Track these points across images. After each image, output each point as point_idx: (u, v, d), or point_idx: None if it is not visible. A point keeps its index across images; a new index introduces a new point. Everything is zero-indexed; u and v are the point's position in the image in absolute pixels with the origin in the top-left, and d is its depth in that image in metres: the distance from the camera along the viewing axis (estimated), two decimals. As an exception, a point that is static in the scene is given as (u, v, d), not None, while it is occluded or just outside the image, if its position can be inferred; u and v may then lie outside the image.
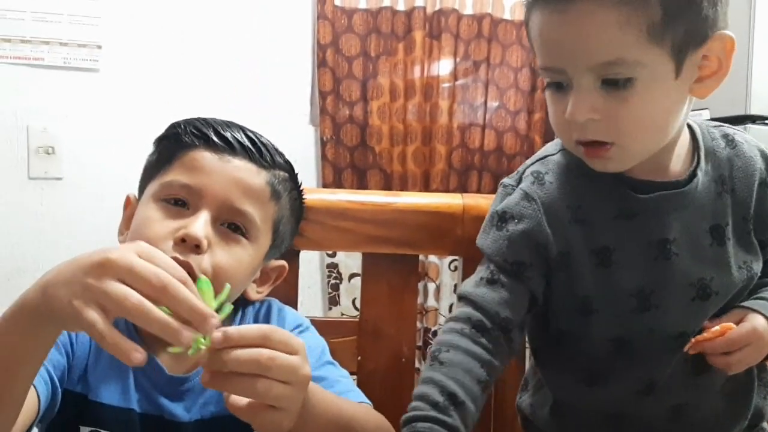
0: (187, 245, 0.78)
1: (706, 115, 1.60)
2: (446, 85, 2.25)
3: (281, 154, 0.90)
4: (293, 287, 1.07)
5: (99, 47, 2.06)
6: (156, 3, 2.12)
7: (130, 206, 0.89)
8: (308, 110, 2.27)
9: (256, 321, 0.90)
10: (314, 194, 1.11)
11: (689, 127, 0.84)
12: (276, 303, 0.94)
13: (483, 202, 1.12)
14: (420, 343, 2.20)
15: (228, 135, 0.84)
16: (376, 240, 1.09)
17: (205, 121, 0.85)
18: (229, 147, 0.83)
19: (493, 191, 0.93)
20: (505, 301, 0.79)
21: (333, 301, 2.24)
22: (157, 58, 2.11)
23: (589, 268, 0.80)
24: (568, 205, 0.80)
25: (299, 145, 2.24)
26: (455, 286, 2.27)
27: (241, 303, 0.90)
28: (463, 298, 0.82)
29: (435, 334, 2.26)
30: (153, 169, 0.86)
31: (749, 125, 1.74)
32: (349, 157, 2.22)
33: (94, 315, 0.55)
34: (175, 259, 0.78)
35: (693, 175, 0.81)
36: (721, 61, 0.74)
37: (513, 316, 0.79)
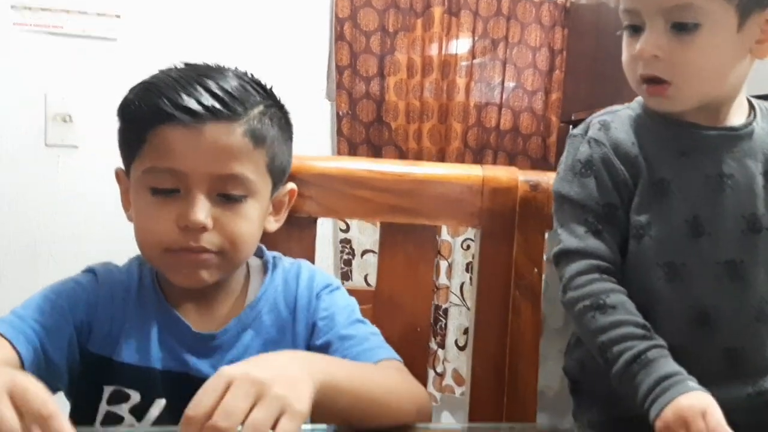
0: (193, 230, 0.79)
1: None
2: (464, 63, 2.23)
3: (246, 86, 0.83)
4: (311, 255, 1.08)
5: (117, 17, 2.06)
6: (175, -27, 2.11)
7: (122, 181, 0.88)
8: (325, 85, 2.26)
9: (285, 284, 0.90)
10: (333, 162, 1.11)
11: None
12: (306, 265, 0.94)
13: (503, 174, 1.11)
14: (431, 321, 2.21)
15: (188, 103, 0.78)
16: (394, 210, 1.09)
17: (159, 91, 0.79)
18: (193, 115, 0.77)
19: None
20: (611, 247, 0.87)
21: (345, 276, 2.24)
22: (174, 28, 2.10)
23: (647, 199, 0.87)
24: (634, 142, 0.89)
25: (315, 119, 2.23)
26: (467, 264, 2.28)
27: (271, 266, 0.91)
28: (575, 253, 0.87)
29: (446, 311, 2.27)
30: (127, 148, 0.84)
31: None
32: (365, 133, 2.21)
33: None
34: (189, 248, 0.79)
35: (750, 125, 0.88)
36: None
37: (619, 259, 0.87)
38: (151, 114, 0.79)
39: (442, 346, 2.27)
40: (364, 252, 2.24)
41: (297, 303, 0.88)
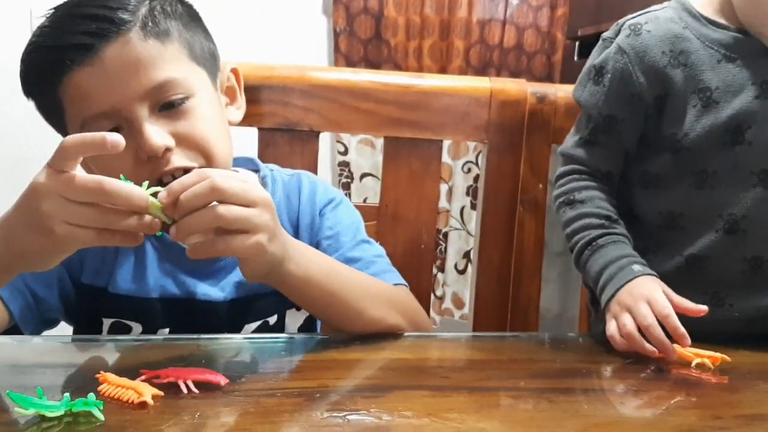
0: (158, 157, 0.72)
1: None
2: (466, -24, 2.15)
3: None
4: (313, 171, 1.05)
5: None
6: None
7: None
8: None
9: (287, 199, 0.87)
10: (335, 73, 1.07)
11: None
12: (307, 176, 0.90)
13: (511, 86, 1.08)
14: (435, 238, 2.20)
15: (71, 40, 0.71)
16: (399, 123, 1.05)
17: (41, 48, 0.74)
18: (83, 50, 0.71)
19: (512, 91, 1.02)
20: (603, 158, 0.92)
21: (344, 199, 2.22)
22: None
23: (688, 108, 0.86)
24: (666, 51, 0.87)
25: (311, 36, 2.17)
26: (468, 188, 2.25)
27: (270, 180, 0.88)
28: (565, 156, 0.95)
29: (446, 235, 2.26)
30: (53, 119, 0.78)
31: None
32: (363, 51, 2.15)
33: (81, 232, 0.60)
34: (163, 173, 0.73)
35: None
36: None
37: (612, 168, 0.92)
38: (48, 73, 0.73)
39: (441, 269, 2.28)
40: (363, 175, 2.21)
41: (300, 221, 0.86)
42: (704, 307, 0.77)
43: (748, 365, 0.75)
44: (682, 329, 0.74)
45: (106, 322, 0.81)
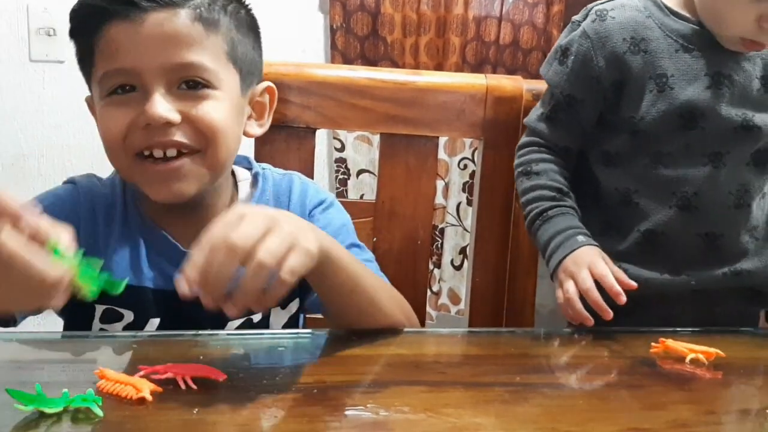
0: (156, 127, 0.74)
1: None
2: (462, -27, 2.14)
3: None
4: (309, 167, 1.05)
5: None
6: None
7: (92, 108, 0.83)
8: (318, -4, 2.18)
9: (276, 198, 0.87)
10: (332, 70, 1.07)
11: None
12: (298, 177, 0.90)
13: (507, 83, 1.08)
14: (431, 234, 2.20)
15: None
16: (395, 120, 1.06)
17: None
18: (133, 6, 0.74)
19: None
20: (561, 134, 0.96)
21: (340, 196, 2.22)
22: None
23: (645, 93, 0.90)
24: (627, 38, 0.91)
25: (307, 33, 2.16)
26: (464, 184, 2.26)
27: (261, 179, 0.88)
28: (528, 128, 1.00)
29: (442, 231, 2.26)
30: (83, 66, 0.81)
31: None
32: (360, 48, 2.14)
33: None
34: (155, 144, 0.75)
35: None
36: None
37: (569, 144, 0.97)
38: (92, 18, 0.76)
39: (438, 265, 2.28)
40: (360, 172, 2.22)
41: None
42: (634, 284, 0.83)
43: (741, 360, 0.76)
44: (618, 288, 0.82)
45: (99, 309, 0.80)
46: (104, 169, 0.93)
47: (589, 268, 0.84)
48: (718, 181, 0.91)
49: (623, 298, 0.81)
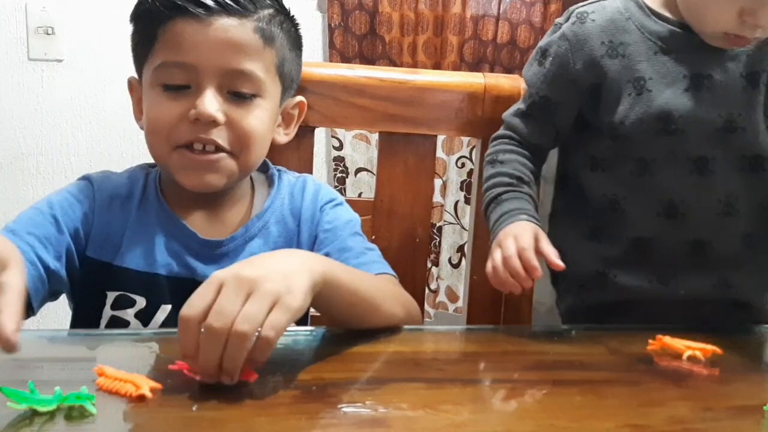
0: (203, 123, 0.79)
1: None
2: (460, -28, 2.14)
3: None
4: (308, 166, 1.06)
5: None
6: None
7: (134, 90, 0.88)
8: (316, -5, 2.18)
9: (291, 197, 0.90)
10: (330, 69, 1.07)
11: None
12: (312, 179, 0.94)
13: (505, 82, 1.08)
14: (429, 232, 2.20)
15: None
16: (393, 118, 1.06)
17: None
18: (204, 8, 0.79)
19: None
20: (534, 131, 0.97)
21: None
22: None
23: (623, 96, 0.89)
24: (605, 41, 0.90)
25: (306, 32, 2.13)
26: (462, 183, 2.26)
27: (277, 178, 0.91)
28: (505, 121, 1.00)
29: (440, 230, 2.27)
30: (139, 50, 0.85)
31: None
32: (358, 47, 2.14)
33: None
34: (199, 140, 0.81)
35: None
36: None
37: (541, 142, 0.98)
38: (162, 8, 0.80)
39: (436, 263, 2.28)
40: (358, 170, 2.22)
41: (302, 215, 0.90)
42: (561, 264, 0.81)
43: (739, 357, 0.76)
44: (534, 262, 0.80)
45: (111, 295, 0.83)
46: (102, 167, 0.94)
47: (514, 238, 0.83)
48: (705, 188, 0.89)
49: (539, 274, 0.80)
